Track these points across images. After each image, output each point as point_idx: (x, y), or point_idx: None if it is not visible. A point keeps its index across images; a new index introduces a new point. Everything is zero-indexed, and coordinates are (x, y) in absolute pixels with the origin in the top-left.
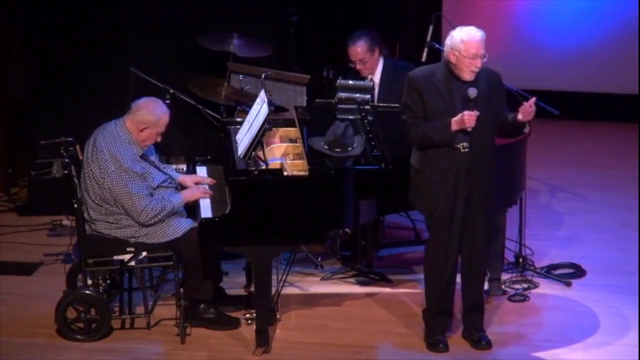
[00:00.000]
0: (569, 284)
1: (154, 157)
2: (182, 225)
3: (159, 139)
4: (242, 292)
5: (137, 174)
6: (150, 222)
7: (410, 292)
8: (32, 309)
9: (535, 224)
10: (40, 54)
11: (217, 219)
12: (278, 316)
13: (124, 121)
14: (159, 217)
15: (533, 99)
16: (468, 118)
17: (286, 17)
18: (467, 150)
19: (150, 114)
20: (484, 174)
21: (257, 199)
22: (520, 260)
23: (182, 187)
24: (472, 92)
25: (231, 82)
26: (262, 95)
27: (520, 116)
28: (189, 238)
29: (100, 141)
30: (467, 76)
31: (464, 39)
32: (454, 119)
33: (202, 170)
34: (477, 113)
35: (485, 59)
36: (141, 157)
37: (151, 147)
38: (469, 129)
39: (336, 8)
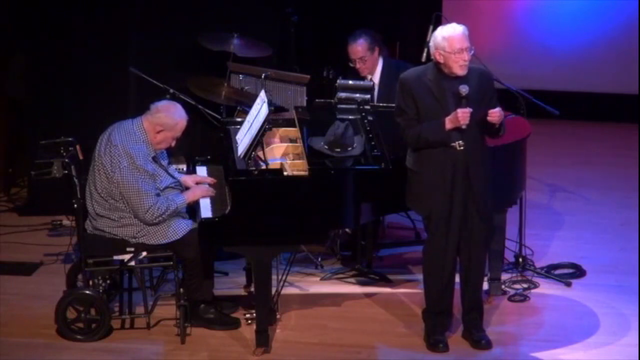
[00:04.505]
0: (569, 284)
1: (165, 162)
2: (182, 227)
3: (173, 144)
4: (242, 292)
5: (148, 173)
6: (154, 221)
7: (410, 292)
8: (32, 309)
9: (535, 224)
10: (40, 54)
11: (217, 219)
12: (278, 316)
13: (142, 121)
14: (163, 216)
15: (497, 109)
16: (462, 115)
17: (286, 17)
18: (462, 148)
19: (169, 117)
20: (479, 172)
21: (257, 198)
22: (520, 260)
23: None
24: (464, 89)
25: (231, 82)
26: (262, 95)
27: (489, 117)
28: (188, 240)
29: (116, 136)
30: (459, 71)
31: (445, 36)
32: (448, 117)
33: (202, 170)
34: (470, 110)
35: (472, 52)
36: (153, 158)
37: (164, 151)
38: (464, 127)
39: (336, 8)
